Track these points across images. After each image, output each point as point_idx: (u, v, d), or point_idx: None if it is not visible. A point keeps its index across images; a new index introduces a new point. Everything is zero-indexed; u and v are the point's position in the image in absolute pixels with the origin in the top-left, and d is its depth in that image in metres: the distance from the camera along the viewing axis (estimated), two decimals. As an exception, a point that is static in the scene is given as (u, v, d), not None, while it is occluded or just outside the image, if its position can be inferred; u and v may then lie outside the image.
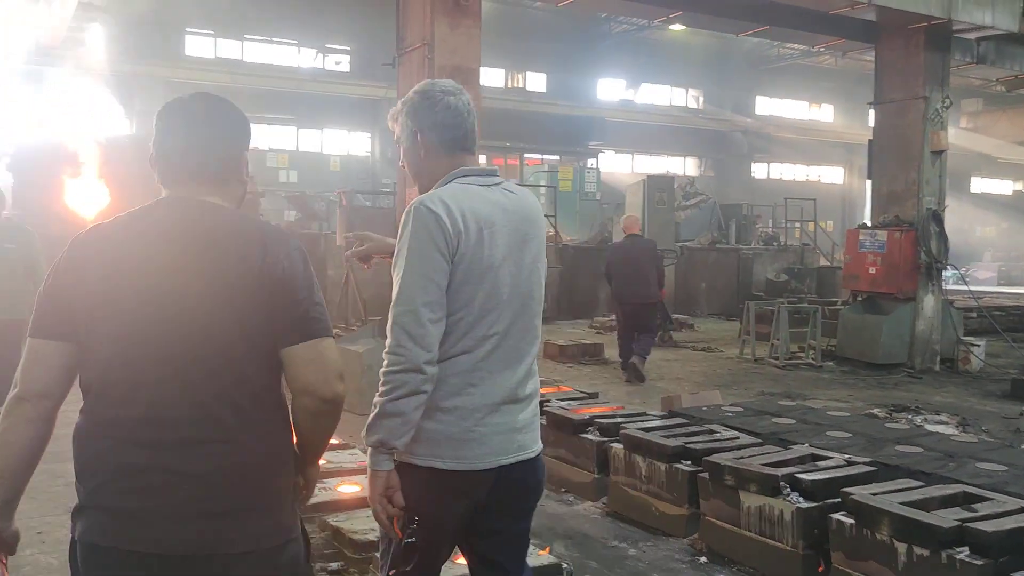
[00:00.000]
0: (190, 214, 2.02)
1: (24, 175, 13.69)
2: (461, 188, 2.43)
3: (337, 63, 27.10)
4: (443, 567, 2.54)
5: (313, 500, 4.41)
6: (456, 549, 2.58)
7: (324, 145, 27.22)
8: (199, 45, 25.29)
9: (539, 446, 2.58)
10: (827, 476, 4.39)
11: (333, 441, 5.72)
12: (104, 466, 1.92)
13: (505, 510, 2.49)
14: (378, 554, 2.60)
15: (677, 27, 24.95)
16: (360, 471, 5.10)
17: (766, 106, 35.70)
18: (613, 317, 15.49)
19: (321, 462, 5.04)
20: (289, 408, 2.08)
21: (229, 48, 25.63)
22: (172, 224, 2.00)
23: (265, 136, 25.58)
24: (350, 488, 4.72)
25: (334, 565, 3.96)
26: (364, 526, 4.10)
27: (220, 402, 1.94)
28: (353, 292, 10.47)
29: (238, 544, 1.93)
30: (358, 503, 4.52)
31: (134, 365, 1.93)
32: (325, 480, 4.82)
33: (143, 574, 1.89)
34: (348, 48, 26.90)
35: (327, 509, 4.41)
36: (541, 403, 6.22)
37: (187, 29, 24.96)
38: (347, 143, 27.63)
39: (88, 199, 13.52)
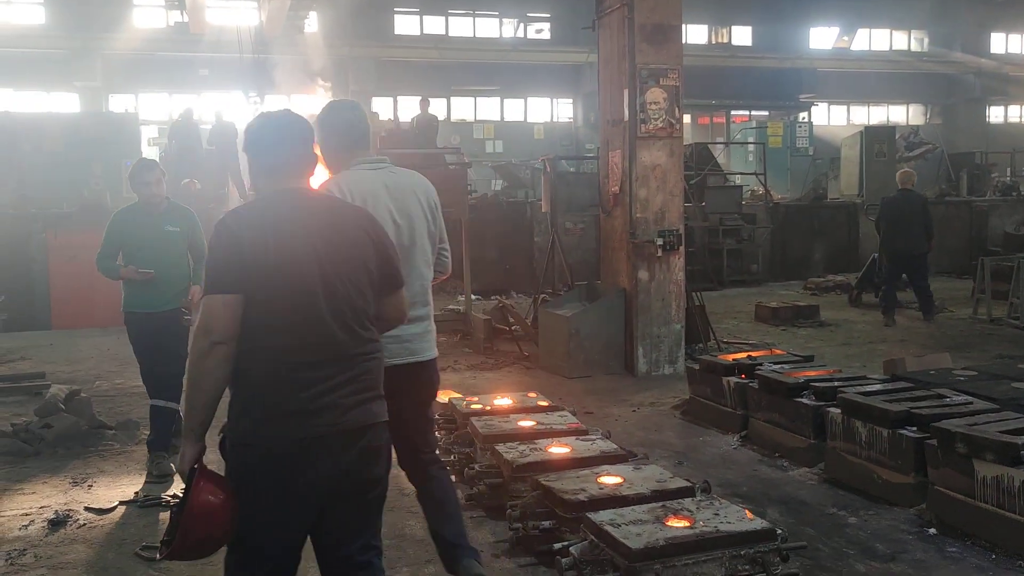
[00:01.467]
0: (313, 199, 2.81)
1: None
2: (353, 172, 3.53)
3: (538, 31, 27.28)
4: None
5: (524, 460, 4.58)
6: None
7: (528, 114, 27.56)
8: (407, 24, 26.22)
9: (431, 352, 3.72)
10: (1077, 446, 3.99)
11: (542, 403, 5.87)
12: (281, 383, 2.58)
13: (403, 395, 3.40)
14: None
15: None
16: (569, 432, 5.19)
17: (1002, 43, 32.43)
18: (828, 278, 14.81)
19: (531, 423, 5.17)
20: None
21: (435, 24, 26.41)
22: (307, 206, 2.74)
23: (471, 108, 26.25)
24: (560, 449, 4.80)
25: (546, 523, 4.05)
26: (575, 486, 4.17)
27: (358, 326, 2.71)
28: (559, 258, 10.58)
29: (379, 416, 2.77)
30: (568, 464, 4.60)
31: (301, 307, 2.60)
32: (536, 441, 4.95)
33: (325, 450, 2.61)
34: (548, 15, 26.98)
35: (538, 469, 4.51)
36: (753, 367, 6.08)
37: (395, 9, 25.93)
38: (550, 110, 27.84)
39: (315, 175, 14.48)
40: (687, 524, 3.68)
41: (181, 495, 2.60)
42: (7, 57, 21.40)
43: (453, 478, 5.20)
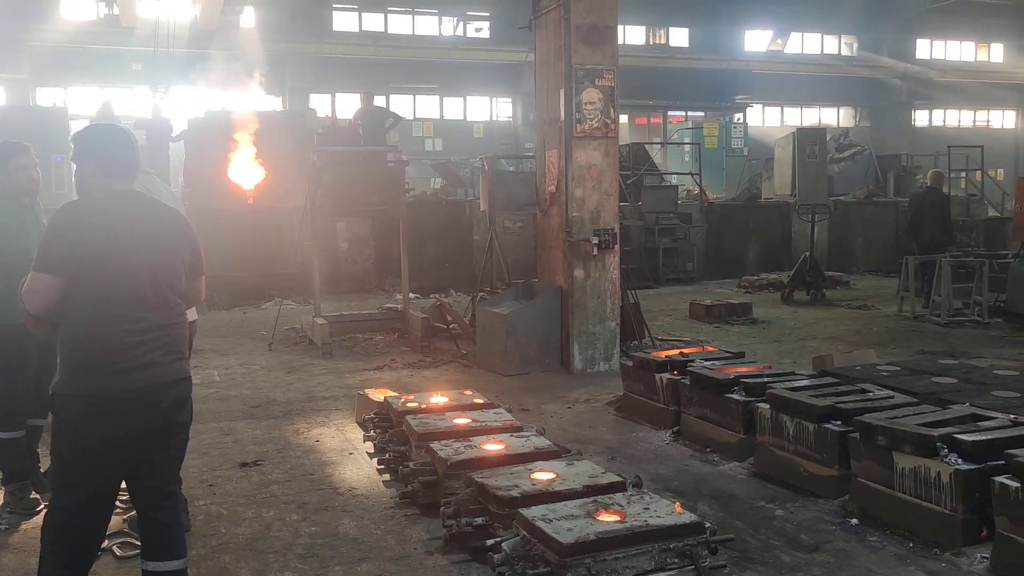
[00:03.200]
0: (139, 198, 3.41)
1: (195, 151, 14.52)
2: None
3: (478, 30, 27.30)
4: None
5: (459, 457, 4.59)
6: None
7: (468, 112, 27.56)
8: (345, 20, 26.02)
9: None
10: (990, 437, 4.15)
11: (478, 400, 5.89)
12: (108, 344, 3.13)
13: None
14: None
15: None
16: (504, 429, 5.22)
17: (927, 49, 33.48)
18: (761, 276, 15.11)
19: (466, 420, 5.19)
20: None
21: (374, 21, 26.25)
22: (136, 203, 3.36)
23: (410, 106, 26.13)
24: (494, 446, 4.83)
25: (479, 520, 4.06)
26: (508, 482, 4.20)
27: (173, 302, 3.31)
28: (497, 256, 10.61)
29: (186, 372, 3.38)
30: (503, 460, 4.63)
31: (129, 285, 3.17)
32: (470, 438, 4.96)
33: (150, 397, 3.20)
34: (487, 14, 27.02)
35: (472, 466, 4.53)
36: (685, 363, 6.18)
37: (334, 5, 25.70)
38: (490, 109, 27.87)
39: (247, 174, 14.24)
40: (618, 518, 3.73)
41: None
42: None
43: (388, 476, 5.23)
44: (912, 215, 12.40)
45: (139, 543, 4.21)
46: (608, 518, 3.74)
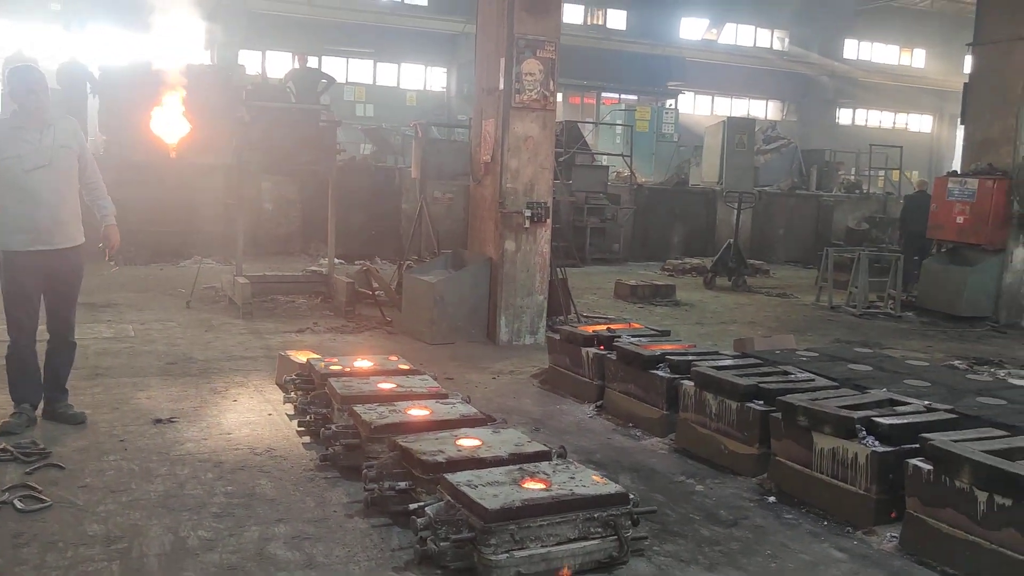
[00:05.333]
0: None
1: (110, 100, 13.96)
2: None
3: (416, -4, 26.89)
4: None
5: (383, 421, 4.52)
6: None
7: (401, 80, 27.17)
8: (280, -24, 25.29)
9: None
10: (905, 421, 4.27)
11: (403, 366, 5.81)
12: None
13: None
14: None
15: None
16: (429, 396, 5.16)
17: (855, 50, 34.36)
18: (685, 260, 15.32)
19: (391, 385, 5.10)
20: None
21: (309, -21, 25.59)
22: None
23: (343, 69, 25.61)
24: (419, 412, 4.76)
25: (402, 484, 4.00)
26: (433, 447, 4.14)
27: None
28: (427, 225, 10.49)
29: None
30: (427, 426, 4.57)
31: None
32: (395, 403, 4.89)
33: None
34: (428, -19, 26.65)
35: (397, 431, 4.46)
36: (612, 339, 6.20)
37: (269, -41, 24.97)
38: (424, 78, 27.53)
39: (170, 127, 13.76)
40: (543, 487, 3.72)
41: None
42: None
43: (308, 439, 5.13)
44: (909, 210, 13.83)
45: (43, 498, 4.05)
46: (533, 486, 3.73)
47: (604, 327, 6.79)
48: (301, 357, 6.12)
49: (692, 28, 31.03)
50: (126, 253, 12.12)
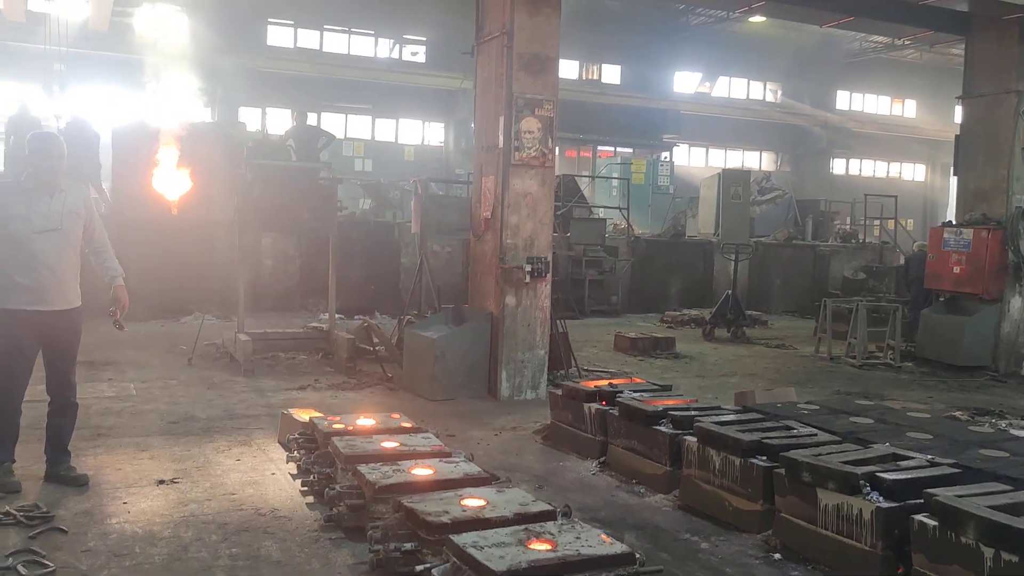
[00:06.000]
0: None
1: (122, 158, 14.11)
2: None
3: (414, 54, 27.29)
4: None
5: (387, 481, 4.52)
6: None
7: (399, 135, 27.47)
8: (280, 35, 25.70)
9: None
10: (909, 476, 4.28)
11: (406, 424, 5.82)
12: None
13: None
14: None
15: (757, 19, 24.51)
16: (433, 454, 5.16)
17: (847, 101, 34.83)
18: (684, 312, 15.36)
19: (394, 444, 5.11)
20: None
21: (309, 38, 26.01)
22: None
23: (342, 125, 25.92)
24: (423, 471, 4.77)
25: (408, 545, 3.99)
26: (438, 508, 4.14)
27: None
28: (427, 280, 10.55)
29: None
30: (432, 485, 4.57)
31: None
32: (399, 462, 4.90)
33: None
34: (424, 39, 27.06)
35: (401, 490, 4.46)
36: (614, 394, 6.22)
37: (269, 19, 25.40)
38: (422, 133, 27.84)
39: (172, 185, 13.92)
40: (549, 547, 3.71)
41: None
42: None
43: (312, 499, 5.12)
44: (908, 269, 14.14)
45: (47, 563, 4.04)
46: (540, 547, 3.72)
47: (606, 382, 6.82)
48: (304, 416, 6.12)
49: (686, 82, 31.50)
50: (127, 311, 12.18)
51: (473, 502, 4.29)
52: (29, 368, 5.28)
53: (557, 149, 24.33)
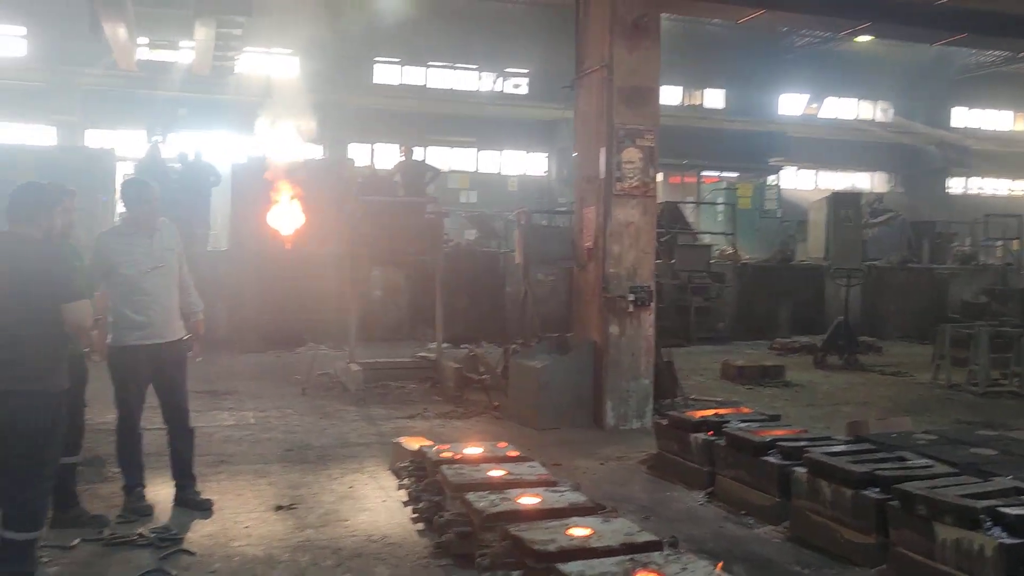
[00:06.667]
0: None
1: (240, 195, 14.80)
2: None
3: (516, 86, 27.76)
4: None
5: (494, 509, 4.60)
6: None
7: (503, 166, 27.90)
8: (386, 73, 26.60)
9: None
10: (1034, 511, 4.11)
11: (512, 453, 5.90)
12: None
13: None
14: None
15: (864, 38, 23.95)
16: (539, 483, 5.24)
17: (963, 117, 33.54)
18: (794, 339, 15.02)
19: (501, 473, 5.19)
20: None
21: (414, 75, 26.81)
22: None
23: (447, 158, 26.54)
24: (530, 500, 4.84)
25: (515, 573, 4.07)
26: (544, 536, 4.21)
27: None
28: (531, 309, 10.66)
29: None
30: (538, 514, 4.64)
31: None
32: (506, 491, 4.98)
33: None
34: (527, 71, 27.50)
35: (508, 519, 4.54)
36: (720, 424, 6.17)
37: (375, 58, 26.29)
38: (525, 164, 28.20)
39: (287, 220, 14.49)
40: (655, 578, 3.73)
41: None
42: (-15, 88, 21.44)
43: (422, 526, 5.25)
44: None
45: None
46: (646, 577, 3.74)
47: (712, 412, 6.75)
48: (414, 444, 6.29)
49: (792, 103, 30.99)
50: (245, 342, 12.74)
51: (579, 531, 4.34)
52: (144, 398, 5.63)
53: (660, 175, 24.25)
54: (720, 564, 3.88)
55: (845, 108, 32.13)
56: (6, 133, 22.61)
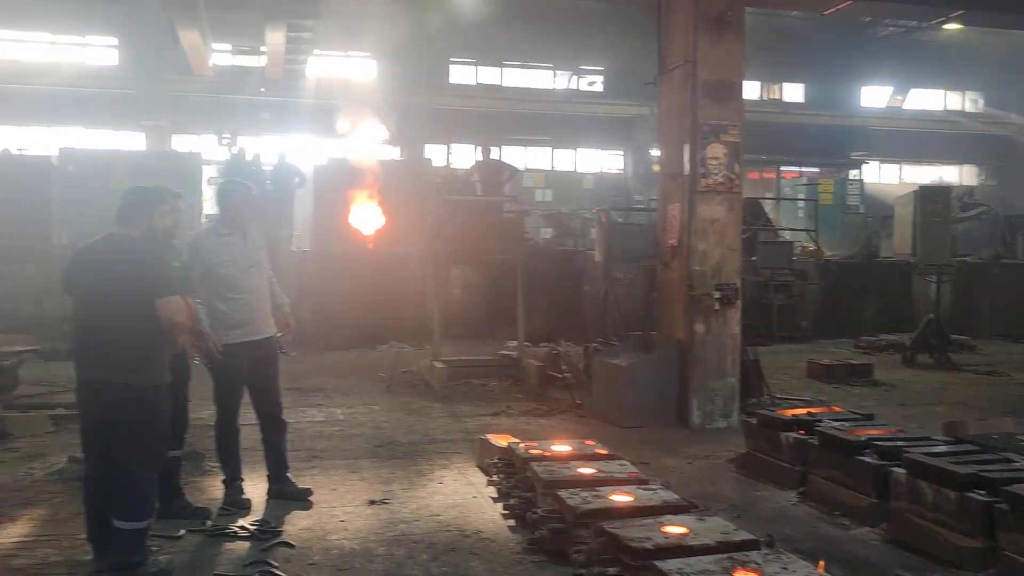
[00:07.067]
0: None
1: (322, 197, 15.09)
2: None
3: (591, 83, 27.66)
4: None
5: (588, 506, 4.61)
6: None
7: (578, 164, 27.84)
8: (461, 73, 26.78)
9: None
10: None
11: (600, 451, 5.89)
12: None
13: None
14: None
15: (952, 26, 23.18)
16: (629, 481, 5.23)
17: (1060, 106, 32.17)
18: (881, 337, 14.65)
19: (591, 470, 5.19)
20: None
21: (489, 74, 26.93)
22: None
23: (522, 157, 26.61)
24: (622, 497, 4.83)
25: (612, 570, 4.07)
26: (640, 534, 4.20)
27: None
28: (612, 307, 10.64)
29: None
30: (632, 512, 4.63)
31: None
32: (597, 488, 4.99)
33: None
34: (602, 68, 27.38)
35: (601, 516, 4.54)
36: (813, 423, 6.06)
37: (451, 59, 26.49)
38: (600, 161, 28.09)
39: (368, 220, 14.75)
40: (755, 577, 3.69)
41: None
42: (80, 96, 22.28)
43: (513, 522, 5.29)
44: None
45: (279, 574, 4.39)
46: (746, 576, 3.70)
47: (804, 411, 6.64)
48: (501, 441, 6.33)
49: (874, 96, 30.17)
50: (329, 340, 13.00)
51: (674, 529, 4.32)
52: (242, 394, 5.79)
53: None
54: (822, 563, 3.81)
55: (931, 99, 31.14)
56: (100, 139, 23.46)
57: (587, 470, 5.39)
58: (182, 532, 5.04)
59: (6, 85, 21.77)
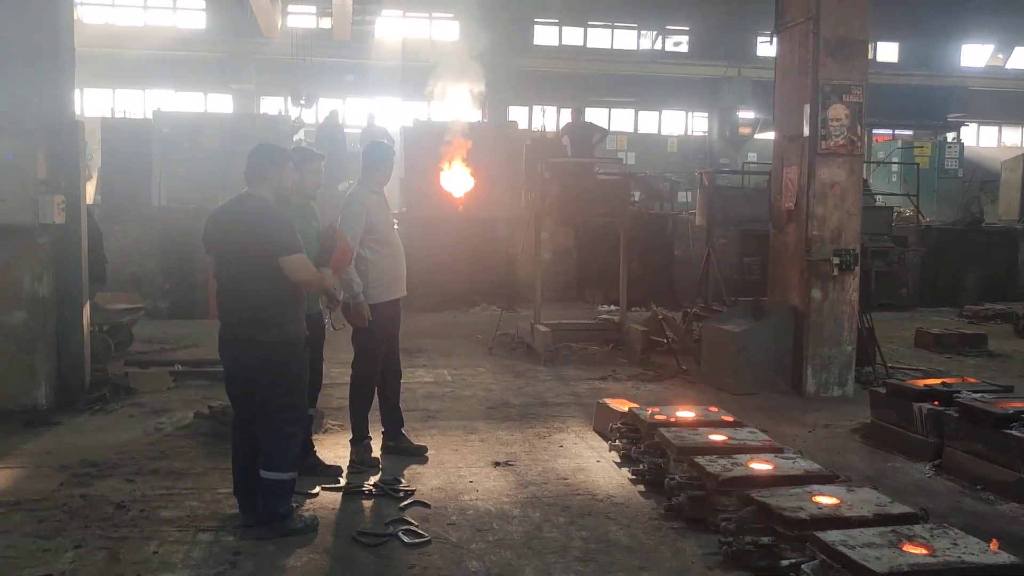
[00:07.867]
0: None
1: (411, 159, 15.08)
2: None
3: (676, 44, 27.05)
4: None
5: (729, 473, 4.52)
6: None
7: (662, 126, 27.37)
8: (546, 34, 26.45)
9: None
10: None
11: (726, 418, 5.78)
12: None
13: None
14: None
15: (1064, -20, 22.01)
16: (765, 449, 5.12)
17: None
18: (987, 306, 14.12)
19: (722, 437, 5.09)
20: None
21: (573, 35, 26.54)
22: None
23: (605, 119, 26.24)
24: (761, 465, 4.73)
25: (765, 539, 3.99)
26: (791, 503, 4.10)
27: None
28: (715, 272, 10.44)
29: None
30: (775, 480, 4.54)
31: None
32: (734, 455, 4.89)
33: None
34: (687, 29, 26.75)
35: (744, 484, 4.46)
36: (950, 394, 5.85)
37: (535, 20, 26.17)
38: (685, 124, 27.57)
39: (458, 183, 14.72)
40: (925, 552, 3.56)
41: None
42: (170, 60, 22.66)
43: (643, 487, 5.23)
44: None
45: (422, 533, 4.42)
46: (915, 550, 3.58)
47: (939, 381, 6.41)
48: (622, 406, 6.26)
49: (974, 55, 28.88)
50: (421, 302, 13.04)
51: (826, 499, 4.21)
52: (384, 354, 5.82)
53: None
54: (995, 542, 3.66)
55: (1035, 59, 29.72)
56: (191, 102, 23.88)
57: (718, 436, 5.29)
58: (317, 489, 5.11)
59: (100, 49, 22.22)
